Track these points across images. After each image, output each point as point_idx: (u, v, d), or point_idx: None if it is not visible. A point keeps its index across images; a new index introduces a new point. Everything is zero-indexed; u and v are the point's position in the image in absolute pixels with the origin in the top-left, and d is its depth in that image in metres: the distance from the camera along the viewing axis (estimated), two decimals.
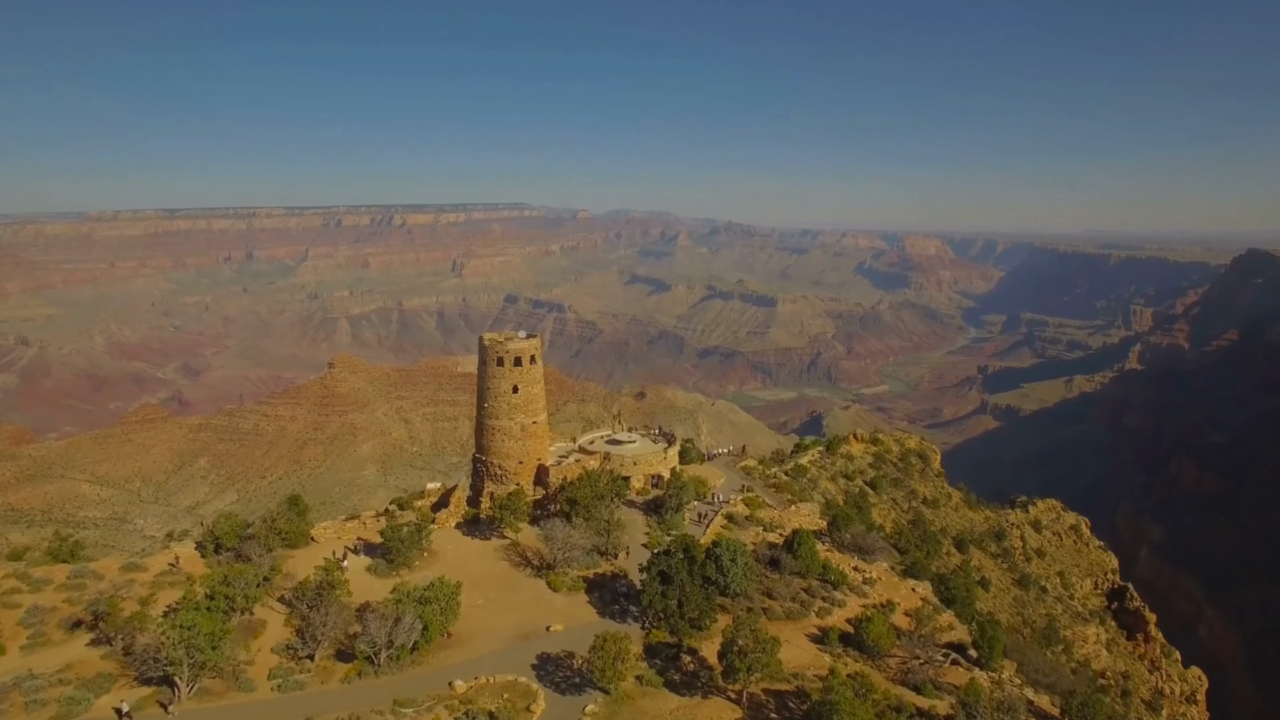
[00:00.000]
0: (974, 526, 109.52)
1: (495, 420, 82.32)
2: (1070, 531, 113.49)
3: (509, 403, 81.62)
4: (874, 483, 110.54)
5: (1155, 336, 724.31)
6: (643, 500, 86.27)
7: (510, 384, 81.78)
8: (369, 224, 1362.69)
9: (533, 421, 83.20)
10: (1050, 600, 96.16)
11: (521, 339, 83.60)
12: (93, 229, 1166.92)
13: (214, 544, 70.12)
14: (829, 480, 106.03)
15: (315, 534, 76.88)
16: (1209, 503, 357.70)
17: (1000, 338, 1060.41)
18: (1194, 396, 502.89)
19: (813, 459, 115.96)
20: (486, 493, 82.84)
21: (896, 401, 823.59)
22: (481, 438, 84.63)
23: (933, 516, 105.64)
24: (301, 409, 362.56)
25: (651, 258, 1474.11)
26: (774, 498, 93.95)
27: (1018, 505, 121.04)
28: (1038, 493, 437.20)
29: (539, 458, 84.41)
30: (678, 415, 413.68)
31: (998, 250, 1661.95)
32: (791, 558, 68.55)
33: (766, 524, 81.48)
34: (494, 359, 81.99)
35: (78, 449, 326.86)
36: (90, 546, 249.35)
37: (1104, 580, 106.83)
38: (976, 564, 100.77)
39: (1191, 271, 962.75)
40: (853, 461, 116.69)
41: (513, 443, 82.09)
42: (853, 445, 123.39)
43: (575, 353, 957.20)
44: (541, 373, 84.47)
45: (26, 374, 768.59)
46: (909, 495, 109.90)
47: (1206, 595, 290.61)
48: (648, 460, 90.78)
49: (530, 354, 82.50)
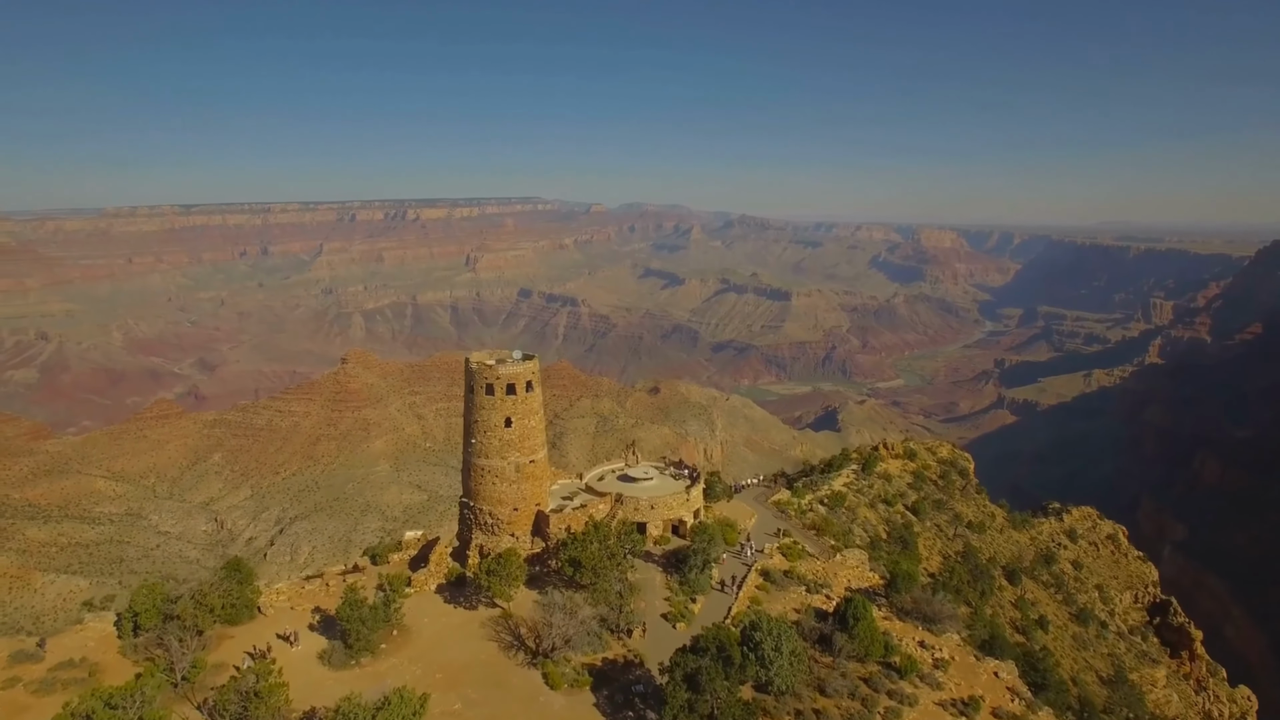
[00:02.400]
0: (1021, 551, 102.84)
1: (484, 460, 68.33)
2: (1107, 541, 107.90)
3: (500, 439, 67.63)
4: (916, 507, 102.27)
5: (1176, 330, 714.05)
6: (661, 551, 73.70)
7: (501, 416, 67.49)
8: (383, 219, 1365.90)
9: (529, 460, 68.92)
10: (1111, 637, 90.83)
11: (515, 361, 69.42)
12: (110, 225, 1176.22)
13: (133, 623, 56.38)
14: (868, 508, 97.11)
15: (265, 601, 63.13)
16: (1233, 499, 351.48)
17: (1017, 331, 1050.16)
18: (1216, 391, 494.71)
19: (848, 481, 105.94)
20: (475, 546, 70.13)
21: (912, 396, 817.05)
22: (468, 480, 70.50)
23: (979, 543, 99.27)
24: (315, 405, 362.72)
25: (665, 251, 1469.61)
26: (814, 543, 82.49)
27: (1051, 513, 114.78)
28: (1055, 488, 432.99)
29: (537, 503, 70.70)
30: (692, 410, 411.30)
31: (1014, 243, 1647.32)
32: (847, 636, 55.95)
33: (810, 582, 70.22)
34: (481, 386, 67.46)
35: (94, 444, 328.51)
36: (105, 543, 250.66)
37: (1144, 594, 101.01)
38: (1030, 597, 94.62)
39: (1213, 263, 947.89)
40: (891, 482, 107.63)
41: (506, 486, 68.47)
42: (889, 462, 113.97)
43: (589, 347, 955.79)
44: (540, 401, 70.72)
45: (46, 369, 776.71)
46: (953, 520, 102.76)
47: (1233, 594, 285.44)
48: (666, 503, 76.61)
49: (526, 380, 68.13)
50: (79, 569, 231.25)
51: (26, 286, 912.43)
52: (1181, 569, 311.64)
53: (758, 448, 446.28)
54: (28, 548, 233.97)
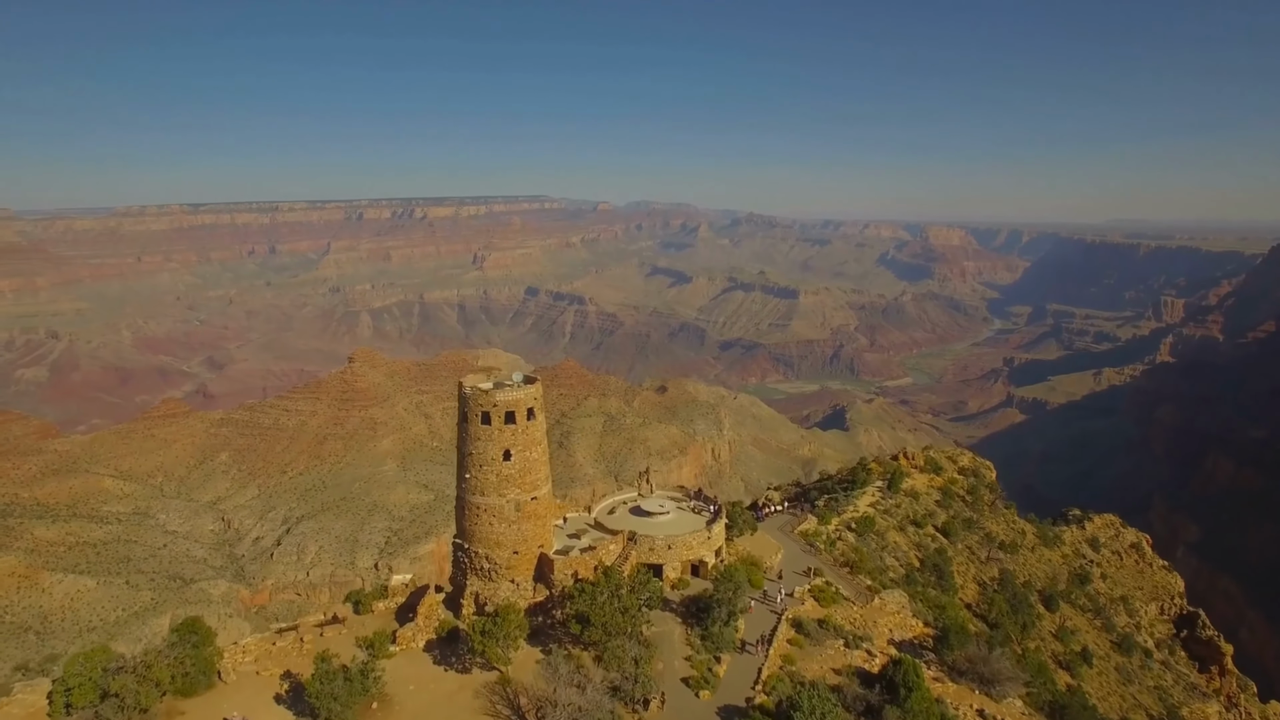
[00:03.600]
0: (1055, 572, 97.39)
1: (480, 497, 60.32)
2: (1131, 550, 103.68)
3: (499, 474, 59.53)
4: (947, 528, 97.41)
5: (1188, 328, 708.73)
6: (679, 597, 64.99)
7: (500, 448, 59.29)
8: (390, 217, 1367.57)
9: (531, 498, 60.85)
10: (1156, 667, 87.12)
11: (516, 386, 61.49)
12: (120, 224, 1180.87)
13: (65, 699, 46.82)
14: (897, 531, 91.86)
15: (227, 664, 53.73)
16: (1248, 500, 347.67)
17: (1026, 329, 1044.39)
18: (1229, 390, 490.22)
19: (874, 500, 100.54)
20: (470, 594, 62.27)
21: (920, 394, 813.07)
22: (462, 519, 62.56)
23: (1012, 564, 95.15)
24: (322, 404, 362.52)
25: (672, 249, 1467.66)
26: (849, 583, 75.06)
27: (1072, 521, 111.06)
28: (1066, 488, 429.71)
29: (540, 544, 62.47)
30: (699, 409, 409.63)
31: (1023, 240, 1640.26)
32: (898, 711, 48.17)
33: (848, 634, 62.47)
34: (477, 414, 59.17)
35: (102, 444, 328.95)
36: (112, 543, 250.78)
37: (1170, 605, 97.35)
38: (1070, 624, 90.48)
39: (1225, 261, 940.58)
40: (918, 500, 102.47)
41: (505, 527, 60.60)
42: (915, 478, 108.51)
43: (596, 345, 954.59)
44: (543, 430, 62.68)
45: (56, 367, 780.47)
46: (984, 540, 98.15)
47: (1247, 597, 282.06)
48: (685, 542, 68.08)
49: (527, 407, 60.14)
50: (86, 568, 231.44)
51: (37, 285, 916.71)
52: (1196, 571, 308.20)
53: (765, 447, 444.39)
54: (36, 547, 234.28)
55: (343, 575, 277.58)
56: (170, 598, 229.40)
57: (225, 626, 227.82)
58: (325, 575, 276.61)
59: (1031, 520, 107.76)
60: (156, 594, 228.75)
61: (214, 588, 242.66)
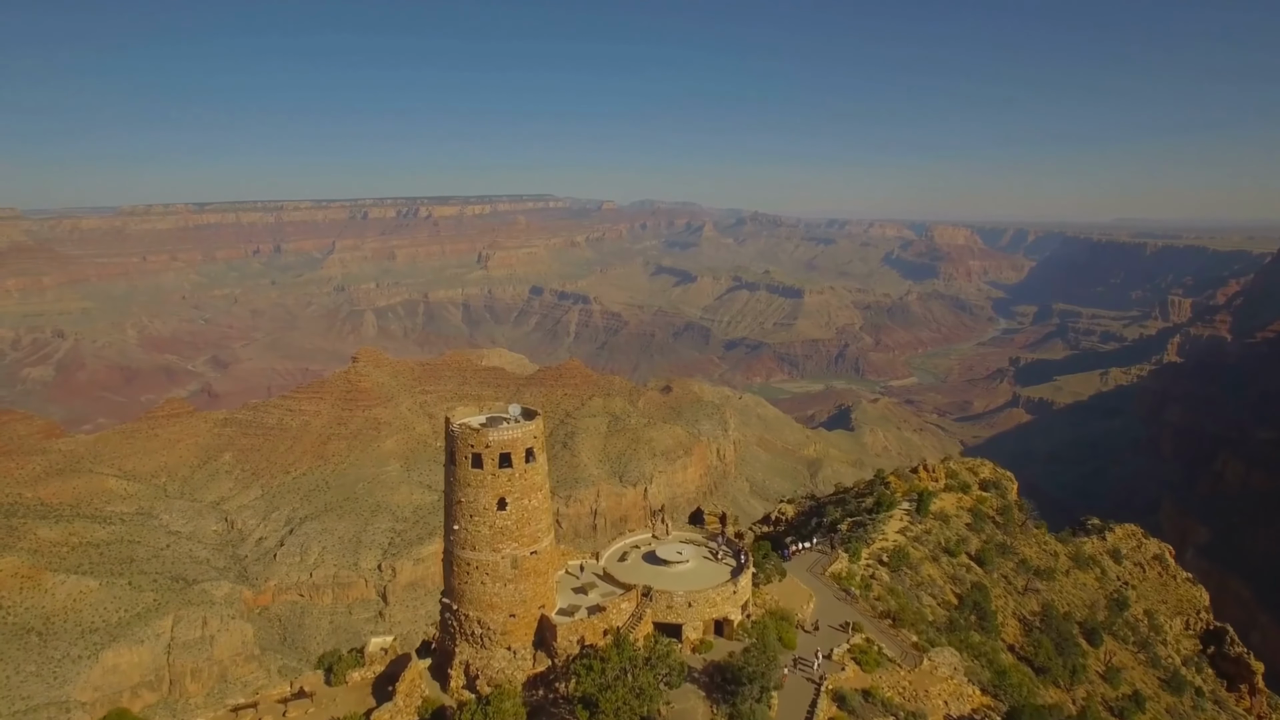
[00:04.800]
0: (1093, 599, 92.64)
1: (471, 552, 52.01)
2: (1154, 562, 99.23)
3: (492, 525, 51.33)
4: (981, 556, 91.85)
5: (1195, 327, 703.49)
6: (702, 663, 55.32)
7: (493, 496, 50.99)
8: (395, 216, 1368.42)
9: (530, 552, 52.62)
10: (1209, 707, 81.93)
11: (513, 422, 52.82)
12: (126, 223, 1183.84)
13: None
14: (931, 563, 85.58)
15: None
16: (1258, 501, 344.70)
17: (1031, 329, 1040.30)
18: (1237, 390, 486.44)
19: (903, 526, 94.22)
20: (459, 663, 53.64)
21: (925, 394, 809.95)
22: (451, 576, 53.78)
23: (1049, 591, 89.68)
24: (325, 404, 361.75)
25: (677, 249, 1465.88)
26: (891, 639, 66.92)
27: (1093, 531, 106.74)
28: (1073, 489, 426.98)
29: (541, 604, 53.84)
30: (704, 409, 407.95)
31: (1028, 239, 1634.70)
32: None
33: (899, 709, 54.92)
34: (466, 457, 50.94)
35: (105, 443, 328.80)
36: (116, 543, 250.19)
37: (1196, 620, 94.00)
38: (1115, 659, 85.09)
39: (1233, 260, 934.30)
40: (949, 524, 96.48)
41: (500, 587, 52.11)
42: (943, 499, 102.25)
43: (600, 345, 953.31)
44: (545, 472, 54.05)
45: (62, 366, 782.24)
46: (1020, 567, 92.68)
47: (1259, 600, 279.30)
48: (708, 598, 58.16)
49: (526, 447, 51.67)
50: (89, 569, 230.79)
51: (43, 284, 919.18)
52: (1206, 574, 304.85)
53: (770, 447, 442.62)
54: (39, 547, 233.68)
55: (346, 576, 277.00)
56: (173, 599, 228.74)
57: (228, 628, 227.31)
58: (328, 576, 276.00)
59: (1064, 540, 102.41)
60: (159, 595, 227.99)
61: (216, 589, 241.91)
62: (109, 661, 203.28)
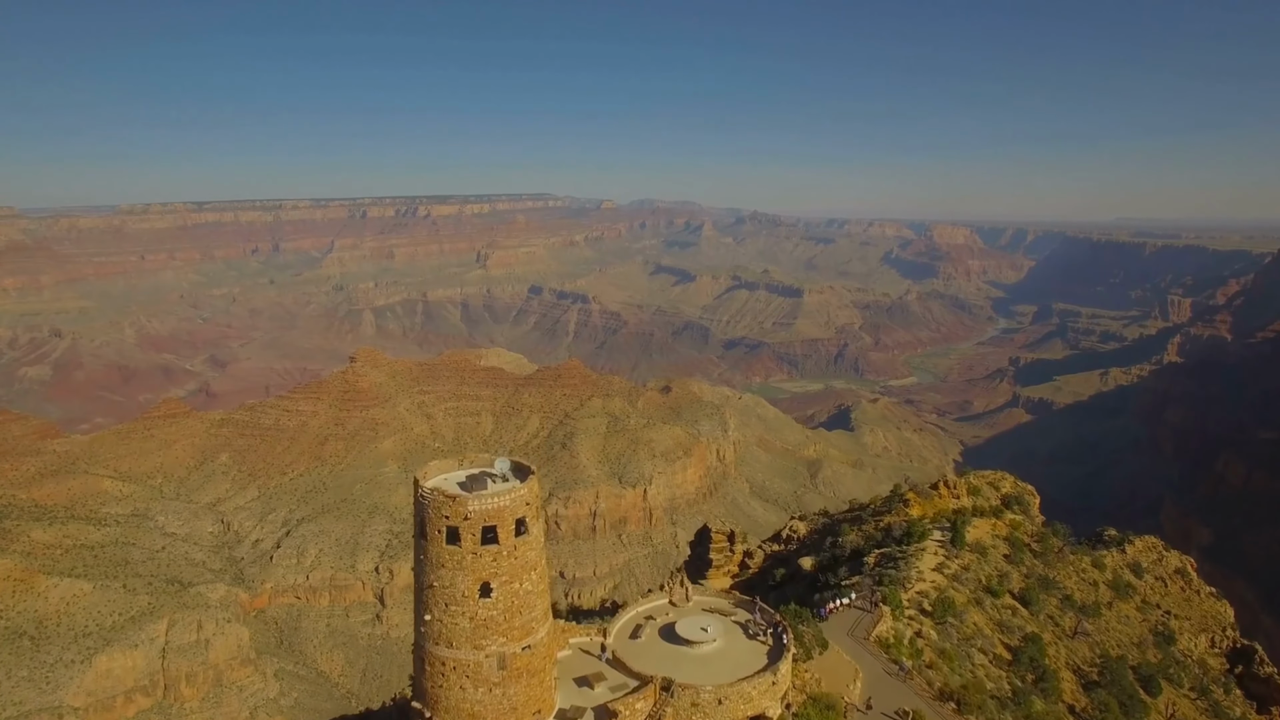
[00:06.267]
0: (1138, 633, 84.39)
1: (447, 649, 41.38)
2: (1176, 576, 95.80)
3: (473, 617, 40.67)
4: (1026, 595, 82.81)
5: (1195, 327, 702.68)
6: None
7: (475, 580, 40.29)
8: (394, 215, 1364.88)
9: (522, 648, 41.90)
10: None
11: (499, 485, 42.46)
12: (124, 222, 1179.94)
13: None
14: (976, 608, 76.27)
15: None
16: (1260, 503, 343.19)
17: (1031, 328, 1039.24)
18: (1238, 390, 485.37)
19: (940, 562, 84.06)
20: None
21: (925, 394, 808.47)
22: (422, 676, 43.14)
23: (1098, 631, 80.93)
24: (323, 404, 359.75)
25: (676, 248, 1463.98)
26: None
27: (1112, 544, 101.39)
28: (1075, 490, 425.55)
29: (536, 709, 43.04)
30: (704, 410, 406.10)
31: (1028, 239, 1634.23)
32: None
33: None
34: (439, 530, 40.31)
35: (101, 444, 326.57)
36: (110, 545, 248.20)
37: (1222, 637, 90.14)
38: (1179, 712, 77.64)
39: (1233, 260, 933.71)
40: (986, 557, 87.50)
41: (483, 693, 41.32)
42: (976, 526, 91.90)
43: (599, 344, 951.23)
44: (541, 546, 43.75)
45: (60, 366, 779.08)
46: (1064, 604, 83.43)
47: (1263, 603, 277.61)
48: (742, 693, 46.32)
49: (516, 517, 41.05)
50: (83, 572, 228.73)
51: (41, 283, 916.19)
52: (1209, 577, 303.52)
53: (770, 447, 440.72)
54: (32, 550, 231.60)
55: (343, 578, 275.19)
56: (168, 602, 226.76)
57: (223, 632, 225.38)
58: (325, 578, 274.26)
59: (1101, 566, 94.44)
60: (154, 598, 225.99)
61: (212, 591, 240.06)
62: (103, 666, 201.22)
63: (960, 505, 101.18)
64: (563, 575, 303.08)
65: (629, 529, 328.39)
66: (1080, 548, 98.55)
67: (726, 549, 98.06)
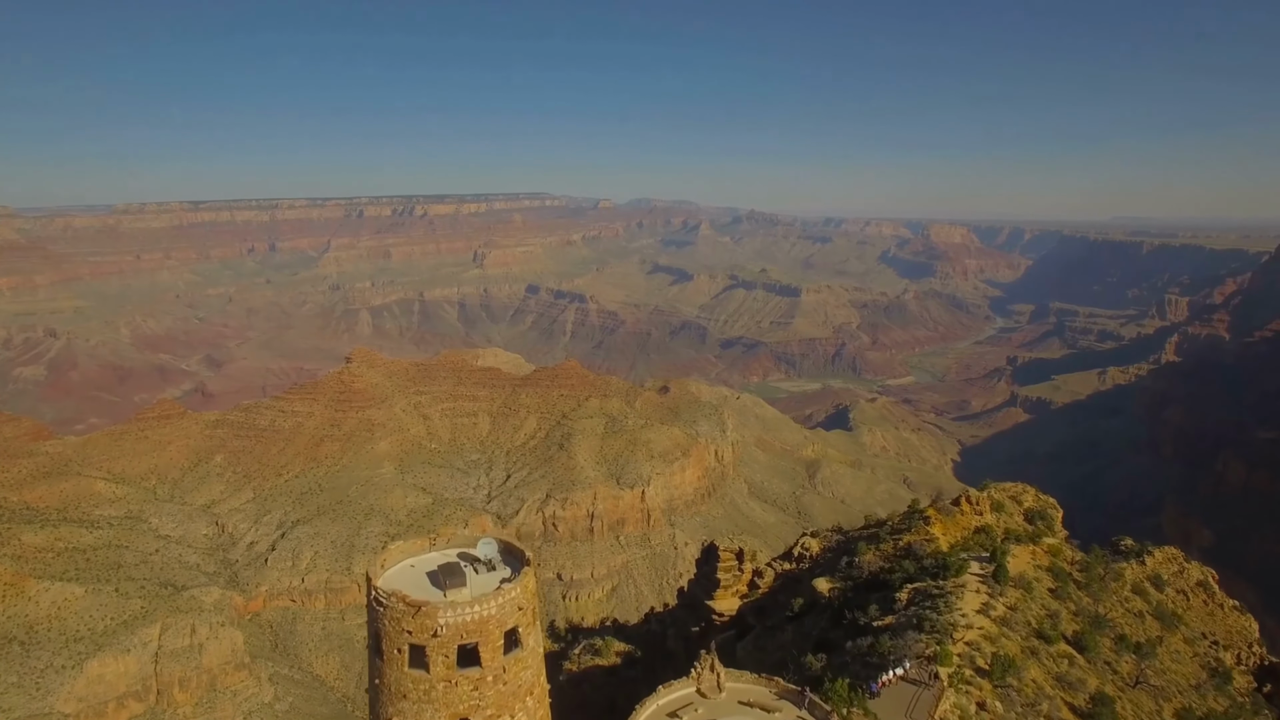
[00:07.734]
0: (1193, 673, 76.22)
1: None
2: (1198, 589, 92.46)
3: None
4: (1081, 640, 72.61)
5: (1193, 327, 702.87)
6: None
7: (449, 715, 29.21)
8: (390, 215, 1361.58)
9: None
10: None
11: (480, 581, 31.91)
12: (119, 222, 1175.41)
13: None
14: (1034, 662, 64.66)
15: None
16: (1261, 503, 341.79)
17: (1028, 328, 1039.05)
18: (1237, 390, 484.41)
19: (983, 602, 72.85)
20: None
21: (923, 393, 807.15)
22: None
23: (1157, 677, 71.92)
24: (318, 405, 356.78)
25: (673, 247, 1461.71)
26: None
27: (1130, 555, 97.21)
28: (1074, 490, 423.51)
29: None
30: (702, 410, 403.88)
31: (1025, 238, 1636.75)
32: None
33: None
34: (399, 649, 29.40)
35: (94, 445, 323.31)
36: (103, 548, 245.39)
37: (1248, 654, 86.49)
38: None
39: (1230, 259, 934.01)
40: (1032, 594, 77.85)
41: None
42: (1017, 556, 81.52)
43: (597, 344, 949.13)
44: (540, 661, 32.90)
45: (55, 366, 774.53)
46: (1118, 643, 73.34)
47: (1266, 605, 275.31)
48: None
49: (506, 627, 30.01)
50: (75, 575, 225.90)
51: (35, 283, 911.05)
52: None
53: (769, 448, 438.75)
54: (23, 553, 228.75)
55: (338, 581, 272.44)
56: (161, 606, 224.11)
57: (217, 636, 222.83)
58: (321, 581, 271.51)
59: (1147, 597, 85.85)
60: (147, 602, 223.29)
61: (206, 595, 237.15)
62: (94, 671, 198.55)
63: (984, 523, 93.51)
64: (560, 578, 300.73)
65: (627, 530, 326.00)
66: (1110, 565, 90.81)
67: (735, 568, 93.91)
